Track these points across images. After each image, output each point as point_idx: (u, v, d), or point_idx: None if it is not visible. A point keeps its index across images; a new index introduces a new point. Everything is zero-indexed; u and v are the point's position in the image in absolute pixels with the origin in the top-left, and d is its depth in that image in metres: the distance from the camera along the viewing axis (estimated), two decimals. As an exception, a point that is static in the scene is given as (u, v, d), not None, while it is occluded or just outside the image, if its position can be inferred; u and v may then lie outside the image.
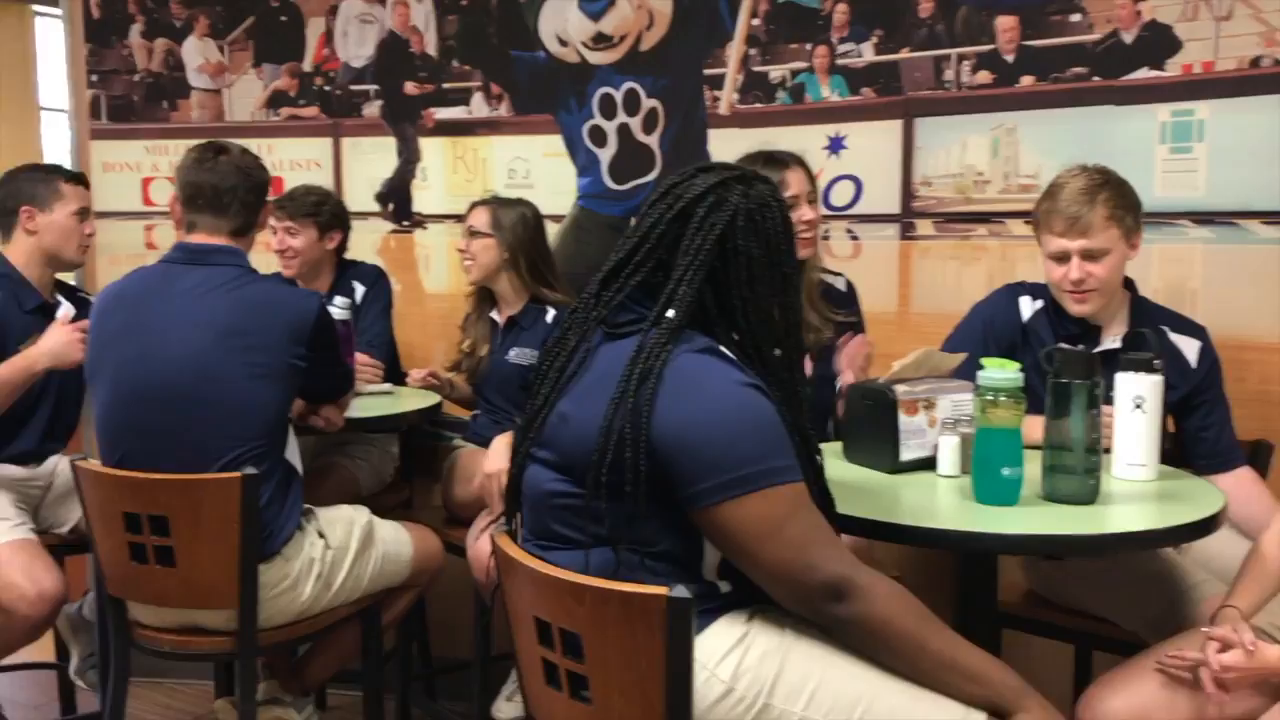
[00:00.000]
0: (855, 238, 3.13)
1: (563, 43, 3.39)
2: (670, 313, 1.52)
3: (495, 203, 3.11)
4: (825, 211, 3.14)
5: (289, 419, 2.37)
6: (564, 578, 1.48)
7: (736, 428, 1.46)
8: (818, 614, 1.49)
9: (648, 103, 3.31)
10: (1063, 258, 2.24)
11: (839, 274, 2.75)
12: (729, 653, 1.50)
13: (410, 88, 3.57)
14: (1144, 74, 2.65)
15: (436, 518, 3.00)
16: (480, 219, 3.06)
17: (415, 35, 3.55)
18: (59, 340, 2.64)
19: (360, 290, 3.24)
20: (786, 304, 1.59)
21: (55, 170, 2.99)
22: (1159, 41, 2.62)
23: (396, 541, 2.52)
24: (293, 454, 2.35)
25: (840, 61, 3.09)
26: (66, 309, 2.93)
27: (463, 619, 2.95)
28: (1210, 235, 2.61)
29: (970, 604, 2.00)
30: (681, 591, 1.39)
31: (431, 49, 3.54)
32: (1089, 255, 2.22)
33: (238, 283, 2.31)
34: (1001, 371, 1.81)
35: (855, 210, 3.12)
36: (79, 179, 3.02)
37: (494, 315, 3.13)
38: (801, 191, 2.51)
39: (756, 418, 1.48)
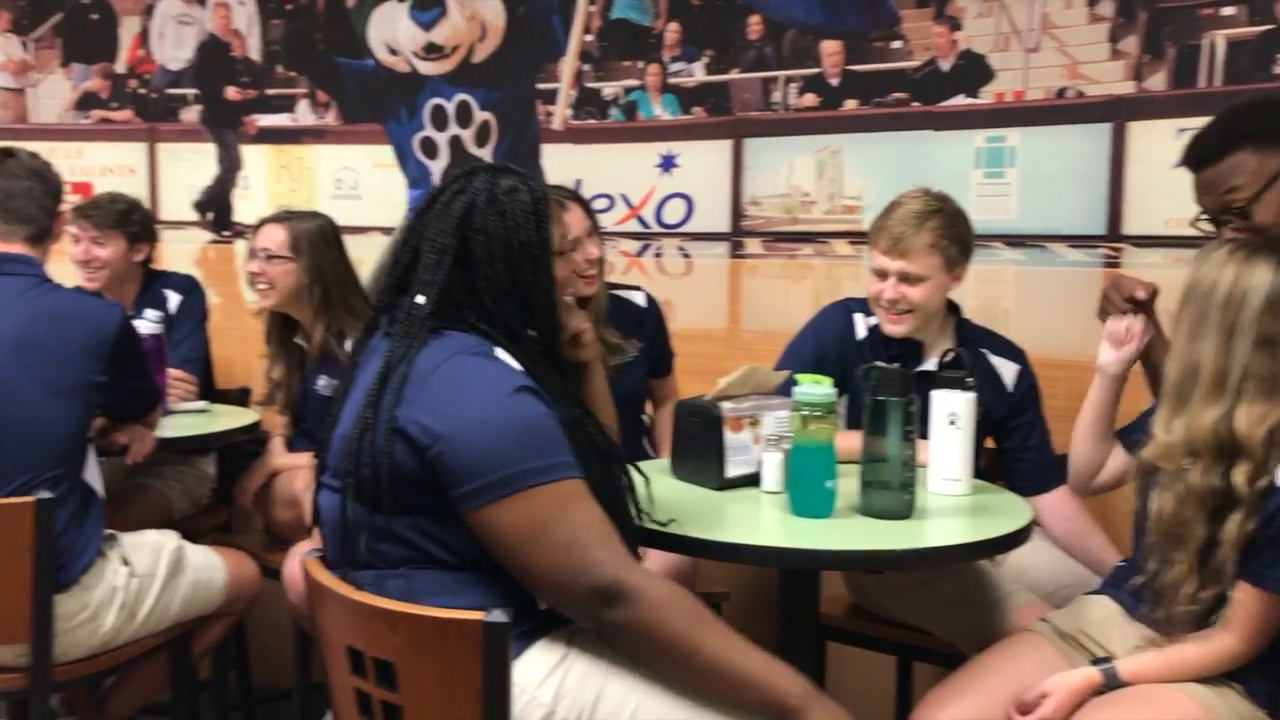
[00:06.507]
0: (687, 255, 3.15)
1: (393, 51, 3.32)
2: (420, 299, 1.52)
3: (291, 219, 2.82)
4: (657, 229, 3.16)
5: (88, 438, 2.23)
6: (376, 604, 1.42)
7: (501, 431, 1.45)
8: (589, 619, 1.47)
9: (480, 115, 3.27)
10: (882, 275, 2.28)
11: (637, 288, 2.75)
12: (549, 675, 1.48)
13: (231, 93, 3.44)
14: (960, 101, 2.75)
15: (256, 541, 2.88)
16: (276, 239, 2.76)
17: (237, 39, 3.43)
18: None
19: (174, 300, 3.07)
20: (535, 284, 1.57)
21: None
22: (974, 70, 2.73)
23: (209, 568, 2.40)
24: (92, 475, 2.21)
25: (672, 80, 3.11)
26: None
27: (283, 646, 2.83)
28: (1021, 257, 2.72)
29: (792, 618, 2.02)
30: (498, 616, 1.35)
31: (254, 53, 3.42)
32: (906, 278, 2.25)
33: (32, 293, 2.16)
34: (816, 388, 1.84)
35: (687, 228, 3.14)
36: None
37: (299, 341, 2.85)
38: (582, 230, 2.45)
39: (523, 420, 1.47)
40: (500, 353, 1.53)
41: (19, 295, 2.15)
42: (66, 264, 2.89)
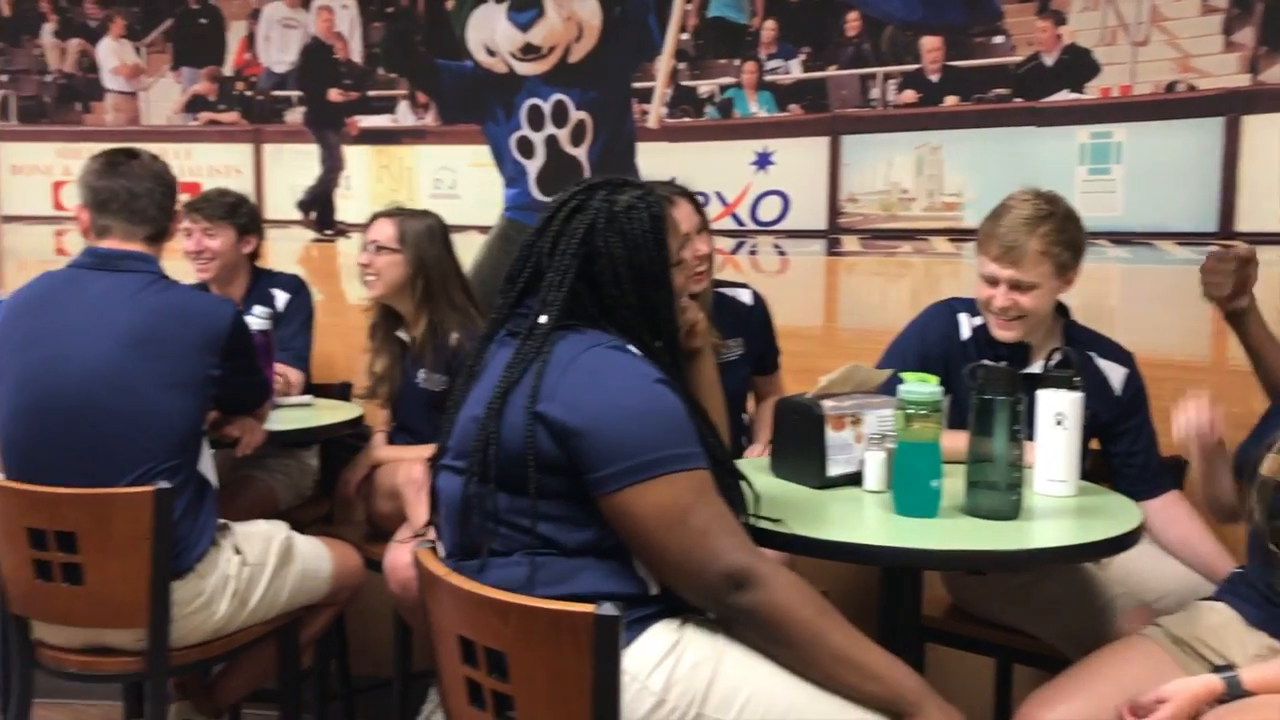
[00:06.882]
0: (782, 253, 3.14)
1: (491, 53, 3.36)
2: (543, 318, 1.57)
3: (401, 214, 2.91)
4: (752, 226, 3.16)
5: (203, 430, 2.30)
6: (489, 595, 1.45)
7: (644, 417, 1.50)
8: (717, 604, 1.49)
9: (576, 115, 3.30)
10: (992, 282, 2.22)
11: (744, 285, 2.73)
12: (660, 663, 1.49)
13: (334, 94, 3.52)
14: (1064, 96, 2.70)
15: (357, 532, 2.94)
16: (385, 232, 2.85)
17: (339, 41, 3.50)
18: None
19: (282, 299, 3.15)
20: (658, 301, 1.62)
21: None
22: (1078, 65, 2.68)
23: (316, 557, 2.46)
24: (206, 467, 2.28)
25: (768, 78, 3.10)
26: None
27: (383, 636, 2.89)
28: (1127, 255, 2.66)
29: (894, 618, 2.00)
30: (609, 609, 1.37)
31: (356, 56, 3.49)
32: (1017, 286, 2.19)
33: (150, 290, 2.23)
34: (921, 385, 1.82)
35: (782, 225, 3.13)
36: None
37: (400, 334, 2.92)
38: (691, 226, 2.45)
39: (664, 409, 1.52)
40: (632, 348, 1.58)
41: (138, 291, 2.22)
42: (179, 260, 2.98)
